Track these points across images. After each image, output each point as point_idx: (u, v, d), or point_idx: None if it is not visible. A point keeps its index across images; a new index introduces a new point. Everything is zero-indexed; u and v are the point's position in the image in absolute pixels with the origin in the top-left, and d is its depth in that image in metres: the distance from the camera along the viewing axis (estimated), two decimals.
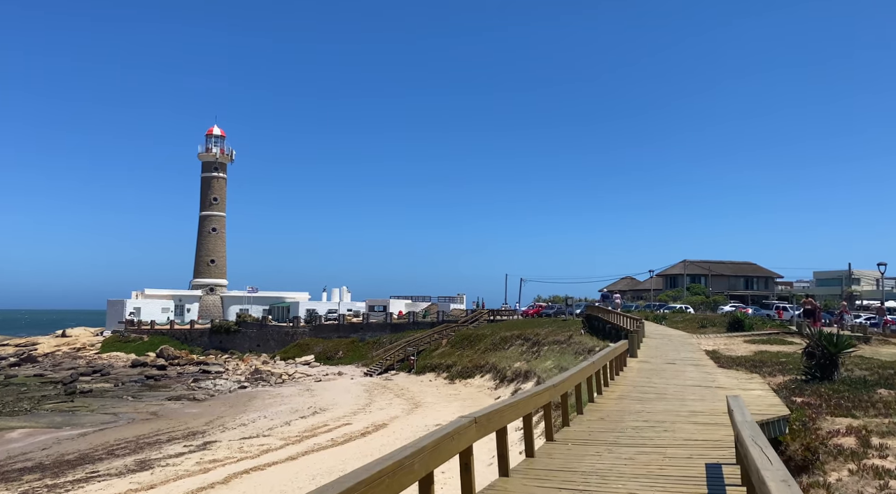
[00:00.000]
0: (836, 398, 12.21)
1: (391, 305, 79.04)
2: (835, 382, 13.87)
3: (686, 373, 15.85)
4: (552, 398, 8.38)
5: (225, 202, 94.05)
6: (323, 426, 34.02)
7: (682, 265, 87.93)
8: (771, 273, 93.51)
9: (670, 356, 20.37)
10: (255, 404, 43.78)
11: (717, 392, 12.61)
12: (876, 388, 13.38)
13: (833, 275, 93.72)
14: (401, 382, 50.70)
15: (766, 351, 22.53)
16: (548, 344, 43.11)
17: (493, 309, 68.15)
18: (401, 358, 56.26)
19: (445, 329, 60.52)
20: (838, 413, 10.69)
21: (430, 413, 36.51)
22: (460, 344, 55.20)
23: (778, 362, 18.92)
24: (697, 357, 20.45)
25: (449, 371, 50.86)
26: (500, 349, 49.92)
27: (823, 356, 14.07)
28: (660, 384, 13.79)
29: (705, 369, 17.16)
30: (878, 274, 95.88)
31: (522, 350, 46.55)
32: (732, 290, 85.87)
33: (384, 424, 33.53)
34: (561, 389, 8.81)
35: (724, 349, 23.80)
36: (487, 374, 46.67)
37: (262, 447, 28.89)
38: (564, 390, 9.07)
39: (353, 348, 63.55)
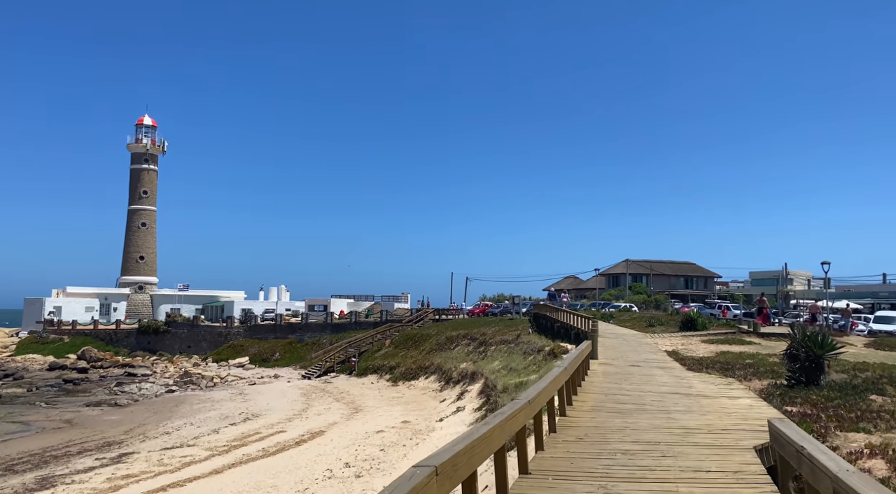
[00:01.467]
0: (832, 407, 10.79)
1: (332, 305, 76.21)
2: (822, 387, 12.54)
3: (656, 378, 14.31)
4: (528, 418, 6.50)
5: (156, 196, 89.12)
6: (254, 434, 31.41)
7: (625, 264, 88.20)
8: (710, 272, 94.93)
9: (632, 357, 18.91)
10: (182, 410, 40.63)
11: (701, 401, 11.04)
12: (867, 394, 12.08)
13: (768, 275, 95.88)
14: (341, 385, 48.27)
15: (729, 352, 21.40)
16: (495, 343, 41.57)
17: (439, 308, 66.35)
18: (341, 359, 53.78)
19: (389, 329, 58.33)
20: (847, 426, 9.23)
21: (371, 419, 34.34)
22: (404, 344, 53.15)
23: (746, 364, 17.70)
24: (660, 358, 19.07)
25: (392, 372, 48.76)
26: (446, 349, 48.15)
27: (808, 358, 12.71)
28: (632, 391, 12.14)
29: (674, 372, 15.70)
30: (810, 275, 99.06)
31: (469, 350, 44.89)
32: (673, 290, 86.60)
33: (321, 431, 31.18)
34: (537, 405, 6.95)
35: (683, 349, 22.58)
36: (432, 376, 44.78)
37: (184, 459, 26.16)
38: (540, 405, 7.22)
39: (290, 349, 60.61)
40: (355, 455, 25.22)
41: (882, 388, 12.75)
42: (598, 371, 15.18)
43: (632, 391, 12.13)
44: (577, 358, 11.48)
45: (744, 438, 7.92)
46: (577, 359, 11.47)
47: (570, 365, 10.33)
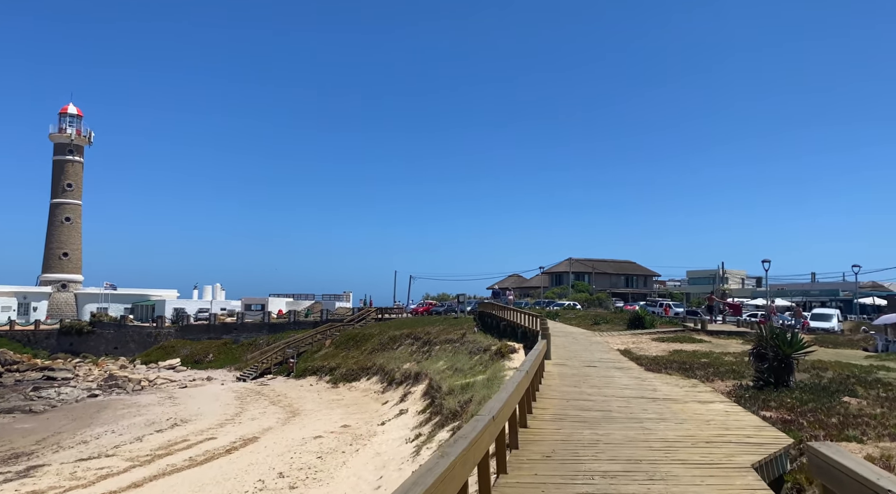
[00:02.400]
0: (809, 411, 9.94)
1: (270, 304, 73.46)
2: (792, 389, 11.74)
3: (616, 379, 13.30)
4: (492, 439, 5.20)
5: (81, 189, 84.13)
6: (182, 441, 29.22)
7: (568, 263, 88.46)
8: (650, 271, 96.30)
9: (586, 357, 17.95)
10: (104, 416, 37.85)
11: (671, 406, 10.02)
12: (839, 396, 11.33)
13: (705, 275, 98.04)
14: (278, 387, 46.15)
15: (682, 351, 20.76)
16: (440, 343, 40.37)
17: (382, 307, 64.71)
18: (279, 360, 51.59)
19: (329, 328, 56.40)
20: (835, 435, 8.32)
21: (309, 423, 32.57)
22: (345, 344, 51.40)
23: (703, 363, 16.98)
24: (615, 358, 18.17)
25: (332, 373, 46.96)
26: (389, 349, 46.70)
27: (777, 358, 11.89)
28: (595, 395, 11.05)
29: (632, 373, 14.75)
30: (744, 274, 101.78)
31: (413, 350, 43.56)
32: (614, 288, 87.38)
33: (255, 438, 29.25)
34: (501, 421, 5.67)
35: (635, 348, 21.84)
36: (374, 376, 43.24)
37: (100, 471, 23.91)
38: (505, 421, 5.94)
39: (225, 350, 57.88)
40: (290, 464, 23.52)
41: (852, 389, 12.06)
42: (553, 372, 14.09)
43: (594, 395, 11.03)
44: (535, 360, 10.29)
45: (735, 453, 6.86)
46: (535, 362, 10.28)
47: (531, 368, 9.12)
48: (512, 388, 6.65)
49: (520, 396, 7.32)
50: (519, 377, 7.55)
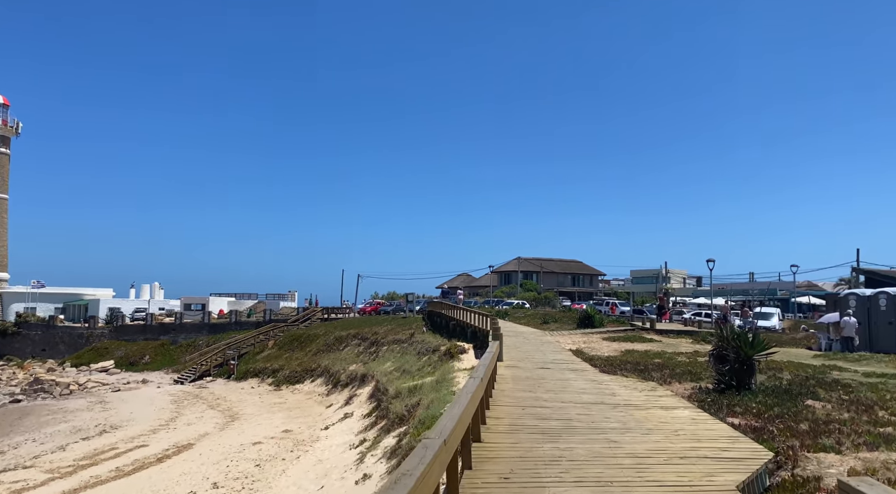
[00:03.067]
0: (776, 417, 9.39)
1: (211, 303, 70.81)
2: (755, 392, 11.22)
3: (572, 383, 12.59)
4: (443, 468, 4.28)
5: (7, 182, 79.45)
6: (110, 450, 27.39)
7: (517, 262, 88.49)
8: (596, 270, 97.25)
9: (538, 358, 17.24)
10: (26, 423, 35.42)
11: (634, 414, 9.31)
12: (802, 399, 10.86)
13: (648, 274, 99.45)
14: (217, 390, 44.26)
15: (634, 350, 20.32)
16: (387, 343, 39.39)
17: (328, 306, 63.17)
18: (219, 362, 49.61)
19: (273, 329, 54.62)
20: (809, 444, 7.72)
21: (248, 428, 31.07)
22: (289, 345, 49.84)
23: (658, 364, 16.49)
24: (568, 358, 17.53)
25: (275, 376, 45.43)
26: (335, 350, 45.47)
27: (739, 359, 11.37)
28: (551, 401, 10.28)
29: (588, 375, 14.09)
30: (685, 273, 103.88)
31: (359, 350, 42.45)
32: (561, 287, 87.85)
33: (190, 444, 27.65)
34: (454, 444, 4.76)
35: (587, 348, 21.31)
36: (319, 378, 41.96)
37: (14, 485, 22.03)
38: (458, 442, 5.03)
39: (162, 352, 55.37)
40: (226, 473, 22.14)
41: (814, 392, 11.63)
42: (506, 375, 13.29)
43: (551, 401, 10.26)
44: (489, 365, 9.43)
45: (715, 472, 6.14)
46: (489, 366, 9.43)
47: (486, 374, 8.25)
48: (466, 401, 5.74)
49: (475, 408, 6.44)
50: (473, 385, 6.66)
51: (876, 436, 8.18)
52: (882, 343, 23.88)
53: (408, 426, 18.88)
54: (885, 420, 9.21)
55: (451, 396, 18.30)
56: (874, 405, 10.42)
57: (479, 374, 7.66)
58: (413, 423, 18.13)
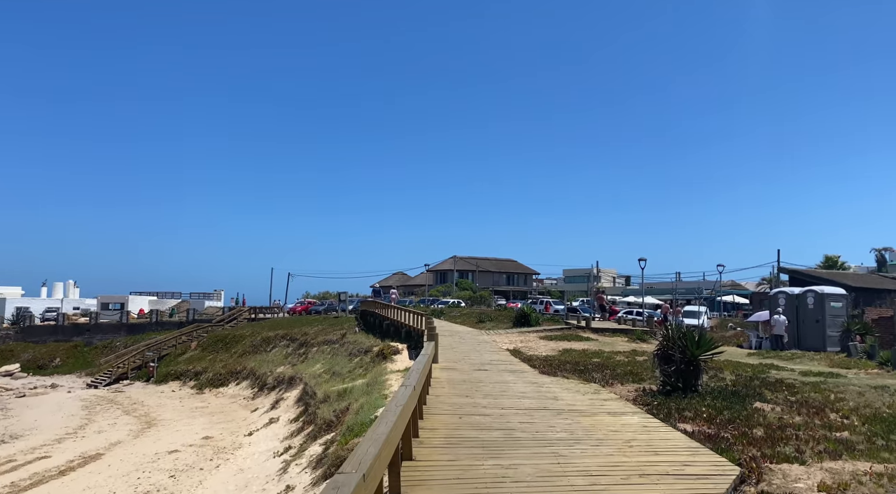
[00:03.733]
0: (729, 423, 8.81)
1: (131, 302, 67.12)
2: (702, 394, 10.67)
3: (512, 386, 11.77)
4: None
5: None
6: (6, 462, 24.95)
7: (453, 261, 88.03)
8: (530, 270, 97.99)
9: (475, 359, 16.41)
10: None
11: (580, 421, 8.53)
12: (750, 401, 10.38)
13: (580, 273, 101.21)
14: (135, 394, 41.69)
15: (572, 350, 19.79)
16: (317, 344, 38.02)
17: (256, 306, 60.82)
18: (138, 364, 46.87)
19: (196, 329, 52.10)
20: (769, 453, 7.10)
21: (165, 435, 29.10)
22: (214, 346, 47.65)
23: (597, 364, 15.93)
24: (505, 359, 16.76)
25: (198, 378, 43.24)
26: (262, 351, 43.69)
27: (685, 360, 10.80)
28: (490, 407, 9.40)
29: (527, 376, 13.32)
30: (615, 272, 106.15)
31: (288, 352, 40.88)
32: (497, 286, 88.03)
33: (99, 454, 25.55)
34: (378, 473, 3.75)
35: (524, 347, 20.65)
36: (245, 381, 40.14)
37: None
38: (384, 468, 4.03)
39: (75, 354, 51.92)
40: (136, 487, 20.34)
41: (760, 393, 11.21)
42: (442, 378, 12.35)
43: (490, 407, 9.38)
44: (423, 370, 8.45)
45: (682, 492, 5.34)
46: (423, 371, 8.45)
47: (419, 380, 7.27)
48: (394, 417, 4.75)
49: (405, 423, 5.45)
50: (403, 396, 5.66)
51: (835, 443, 7.66)
52: (809, 340, 24.30)
53: (336, 432, 17.76)
54: (839, 424, 8.76)
55: (383, 400, 17.27)
56: (823, 407, 10.03)
57: (412, 382, 6.67)
58: (341, 430, 17.04)
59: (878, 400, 10.85)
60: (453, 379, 12.32)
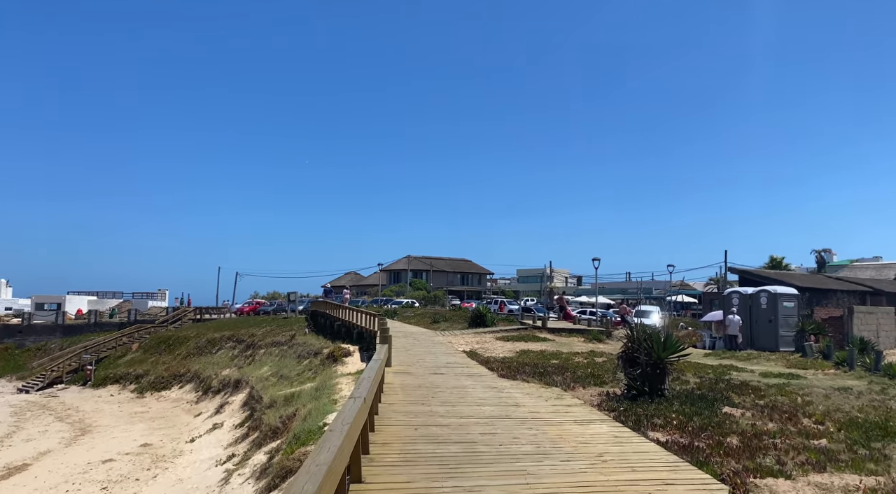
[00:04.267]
0: (701, 430, 8.31)
1: (68, 302, 64.07)
2: (669, 399, 10.17)
3: (470, 391, 11.06)
4: None
5: None
6: None
7: (407, 260, 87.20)
8: (484, 270, 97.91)
9: (430, 361, 15.66)
10: None
11: (546, 430, 7.87)
12: (719, 406, 9.92)
13: (533, 273, 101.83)
14: (70, 399, 39.54)
15: (530, 351, 19.24)
16: (265, 346, 36.75)
17: (202, 306, 58.76)
18: (74, 367, 44.58)
19: (138, 330, 49.94)
20: (751, 466, 6.57)
21: (101, 442, 27.43)
22: (156, 348, 45.74)
23: (556, 366, 15.38)
24: (462, 361, 16.06)
25: (139, 382, 41.35)
26: (207, 353, 42.09)
27: (651, 363, 10.28)
28: (449, 416, 8.66)
29: (486, 380, 12.64)
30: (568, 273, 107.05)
31: (234, 354, 39.42)
32: (451, 286, 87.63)
33: (25, 465, 23.83)
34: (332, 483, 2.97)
35: (481, 349, 20.01)
36: (188, 384, 38.49)
37: None
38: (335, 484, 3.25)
39: (6, 357, 49.12)
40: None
41: (727, 396, 10.78)
42: (395, 384, 11.56)
43: (448, 417, 8.64)
44: (374, 378, 7.65)
45: None
46: (375, 380, 7.65)
47: (370, 391, 6.47)
48: (339, 440, 3.96)
49: (353, 444, 4.67)
50: (352, 412, 4.87)
51: (816, 453, 7.19)
52: (762, 340, 24.37)
53: (282, 440, 16.79)
54: (815, 431, 8.33)
55: (332, 405, 16.38)
56: (794, 411, 9.63)
57: (362, 392, 5.87)
58: (287, 438, 16.09)
59: (845, 402, 10.55)
60: (408, 385, 11.54)
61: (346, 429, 4.38)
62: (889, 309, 25.77)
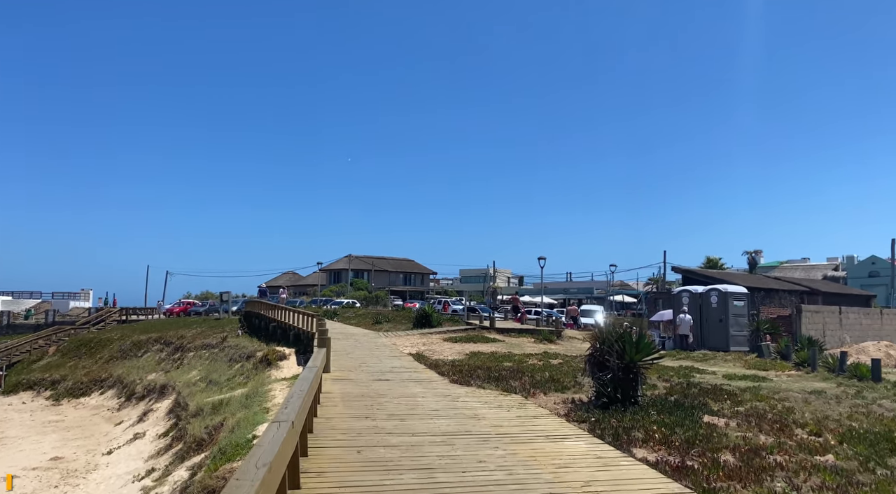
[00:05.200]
0: (688, 445, 7.24)
1: None
2: (644, 407, 9.10)
3: (421, 401, 9.73)
4: None
5: None
6: None
7: (347, 260, 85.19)
8: (427, 269, 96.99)
9: (374, 366, 14.26)
10: None
11: (515, 451, 6.62)
12: (698, 414, 8.90)
13: (476, 273, 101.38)
14: None
15: (480, 353, 18.06)
16: (195, 349, 34.61)
17: (129, 307, 55.42)
18: None
19: (57, 332, 46.63)
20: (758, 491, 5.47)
21: (5, 456, 24.81)
22: (76, 351, 42.77)
23: (510, 369, 14.22)
24: (409, 365, 14.72)
25: (55, 387, 38.44)
26: (132, 356, 39.53)
27: (623, 366, 9.20)
28: (398, 433, 7.32)
29: (437, 387, 11.35)
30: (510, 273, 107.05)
31: (161, 357, 37.09)
32: (393, 286, 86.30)
33: None
34: None
35: (428, 351, 18.70)
36: (111, 390, 35.91)
37: None
38: None
39: None
40: None
41: (704, 403, 9.79)
42: (334, 393, 10.11)
43: (398, 434, 7.28)
44: (309, 391, 6.23)
45: None
46: (309, 394, 6.23)
47: (300, 412, 5.06)
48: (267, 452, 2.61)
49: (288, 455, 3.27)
50: (272, 447, 3.48)
51: (830, 474, 6.18)
52: (713, 340, 23.95)
53: (206, 454, 15.08)
54: (815, 445, 7.37)
55: (264, 414, 14.81)
56: (783, 420, 8.69)
57: (290, 414, 4.47)
58: (213, 451, 14.42)
59: (828, 409, 9.73)
60: (349, 394, 10.12)
61: (261, 475, 2.99)
62: (834, 309, 25.81)
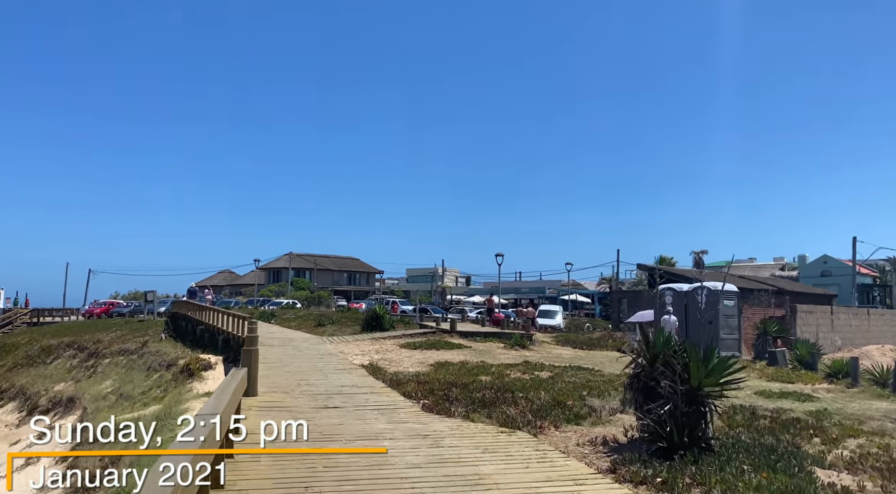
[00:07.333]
0: None
1: None
2: (723, 455, 6.15)
3: (393, 452, 6.52)
4: None
5: None
6: None
7: (288, 258, 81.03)
8: (373, 268, 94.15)
9: (317, 383, 10.98)
10: None
11: None
12: (804, 467, 6.02)
13: (423, 273, 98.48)
14: None
15: (447, 363, 14.95)
16: (111, 355, 30.64)
17: (42, 308, 50.22)
18: None
19: None
20: None
21: None
22: None
23: (491, 385, 11.21)
24: (364, 382, 11.47)
25: None
26: (40, 363, 35.21)
27: (685, 394, 6.27)
28: None
29: (405, 417, 8.17)
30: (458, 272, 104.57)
31: (73, 364, 32.98)
32: (337, 285, 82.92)
33: None
34: None
35: (383, 361, 15.47)
36: (11, 403, 31.42)
37: None
38: None
39: None
40: None
41: (795, 445, 6.94)
42: (258, 435, 6.77)
43: None
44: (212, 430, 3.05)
45: None
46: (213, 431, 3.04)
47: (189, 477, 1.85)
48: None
49: None
50: None
51: None
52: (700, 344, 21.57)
53: None
54: None
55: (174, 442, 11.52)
56: None
57: None
58: None
59: None
60: (281, 436, 6.83)
61: None
62: (826, 309, 23.88)
